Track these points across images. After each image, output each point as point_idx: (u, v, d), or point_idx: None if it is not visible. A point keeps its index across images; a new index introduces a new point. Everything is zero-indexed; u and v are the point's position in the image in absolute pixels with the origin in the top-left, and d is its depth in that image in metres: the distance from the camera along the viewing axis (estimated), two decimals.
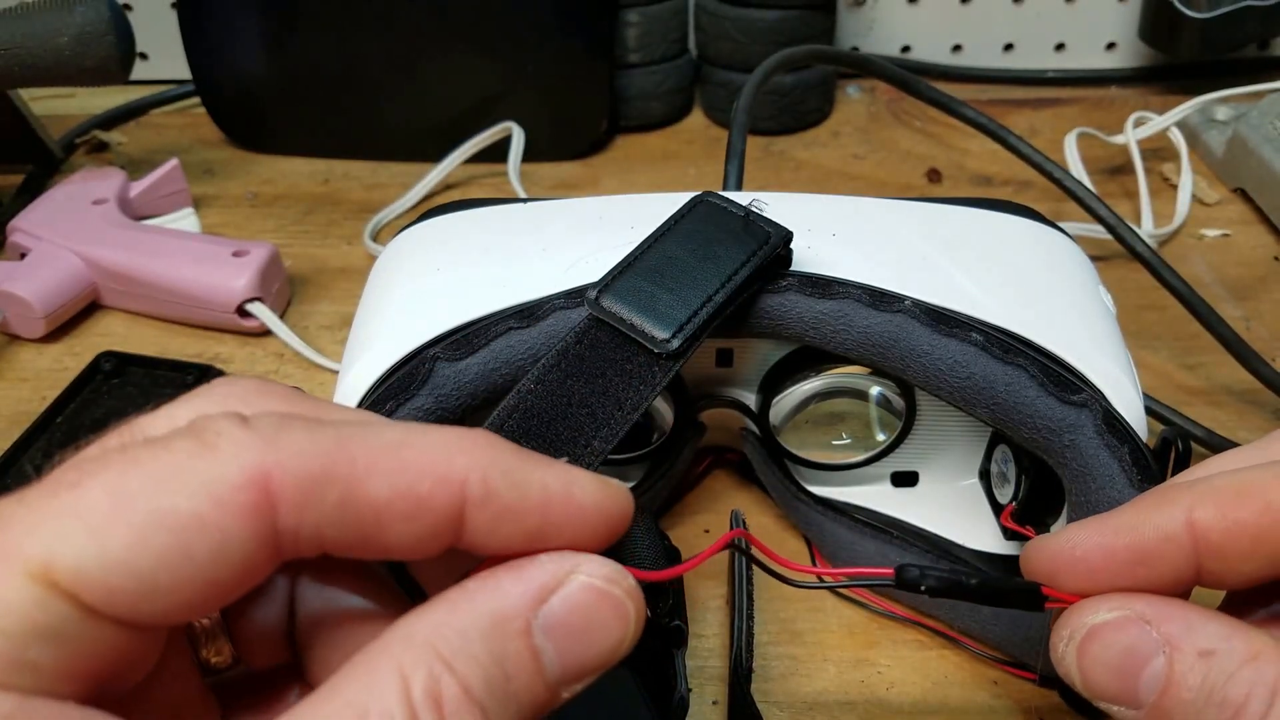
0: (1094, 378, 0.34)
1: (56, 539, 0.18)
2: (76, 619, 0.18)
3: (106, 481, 0.18)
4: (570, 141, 0.71)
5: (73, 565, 0.17)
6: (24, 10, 0.55)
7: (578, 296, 0.35)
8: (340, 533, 0.20)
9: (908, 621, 0.39)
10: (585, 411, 0.30)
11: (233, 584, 0.19)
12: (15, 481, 0.46)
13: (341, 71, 0.69)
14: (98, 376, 0.51)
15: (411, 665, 0.19)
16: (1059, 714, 0.36)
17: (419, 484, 0.20)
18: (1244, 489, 0.23)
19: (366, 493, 0.19)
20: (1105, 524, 0.25)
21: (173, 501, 0.18)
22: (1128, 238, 0.51)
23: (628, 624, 0.21)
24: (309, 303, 0.58)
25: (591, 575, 0.21)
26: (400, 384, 0.34)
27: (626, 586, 0.21)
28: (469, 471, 0.20)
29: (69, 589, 0.17)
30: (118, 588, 0.18)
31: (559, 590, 0.21)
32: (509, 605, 0.20)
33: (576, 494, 0.21)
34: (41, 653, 0.17)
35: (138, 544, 0.18)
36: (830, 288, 0.35)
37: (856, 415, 0.41)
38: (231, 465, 0.18)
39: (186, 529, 0.18)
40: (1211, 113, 0.70)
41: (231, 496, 0.18)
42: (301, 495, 0.19)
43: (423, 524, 0.20)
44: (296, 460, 0.19)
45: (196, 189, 0.66)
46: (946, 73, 0.79)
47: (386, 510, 0.20)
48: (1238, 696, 0.22)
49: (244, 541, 0.19)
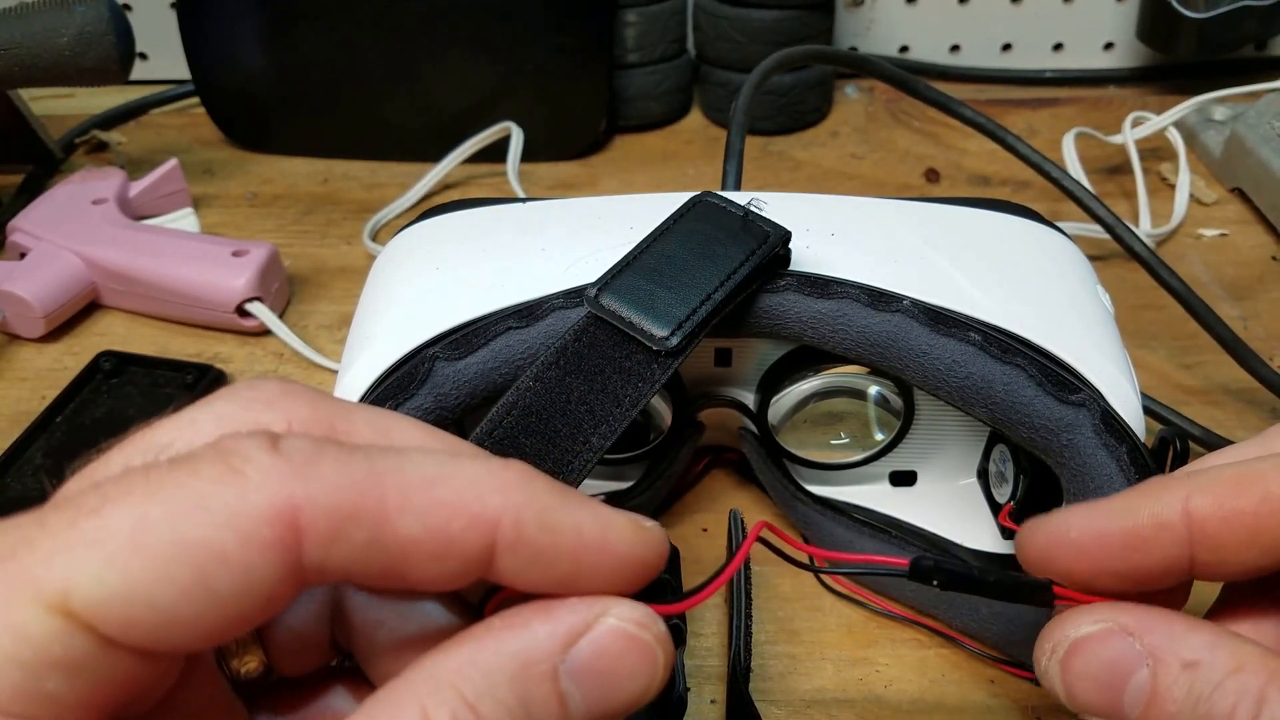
0: (1092, 377, 0.34)
1: (75, 569, 0.17)
2: (94, 650, 0.17)
3: (128, 509, 0.18)
4: (569, 141, 0.71)
5: (91, 596, 0.17)
6: (24, 10, 0.55)
7: (577, 296, 0.35)
8: (366, 568, 0.19)
9: (906, 620, 0.39)
10: (584, 408, 0.30)
11: (254, 615, 0.19)
12: (15, 481, 0.46)
13: (341, 71, 0.69)
14: (97, 376, 0.51)
15: (435, 706, 0.18)
16: (1056, 713, 0.36)
17: (450, 524, 0.19)
18: (1242, 479, 0.23)
19: (396, 530, 0.19)
20: (1101, 508, 0.24)
21: (196, 533, 0.17)
22: (1126, 237, 0.51)
23: (655, 669, 0.21)
24: (308, 302, 0.58)
25: (622, 620, 0.20)
26: (399, 383, 0.34)
27: (656, 632, 0.21)
28: (502, 514, 0.19)
29: (87, 620, 0.17)
30: (137, 619, 0.17)
31: (588, 634, 0.20)
32: (537, 648, 0.20)
33: (612, 540, 0.21)
34: (59, 685, 0.17)
35: (158, 576, 0.17)
36: (829, 287, 0.35)
37: (855, 415, 0.41)
38: (259, 496, 0.18)
39: (209, 562, 0.17)
40: (1209, 113, 0.70)
41: (257, 531, 0.18)
42: (329, 532, 0.18)
43: (451, 564, 0.19)
44: (326, 495, 0.18)
45: (196, 189, 0.66)
46: (945, 73, 0.79)
47: (415, 549, 0.19)
48: (1223, 708, 0.21)
49: (267, 575, 0.18)
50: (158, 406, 0.50)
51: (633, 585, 0.21)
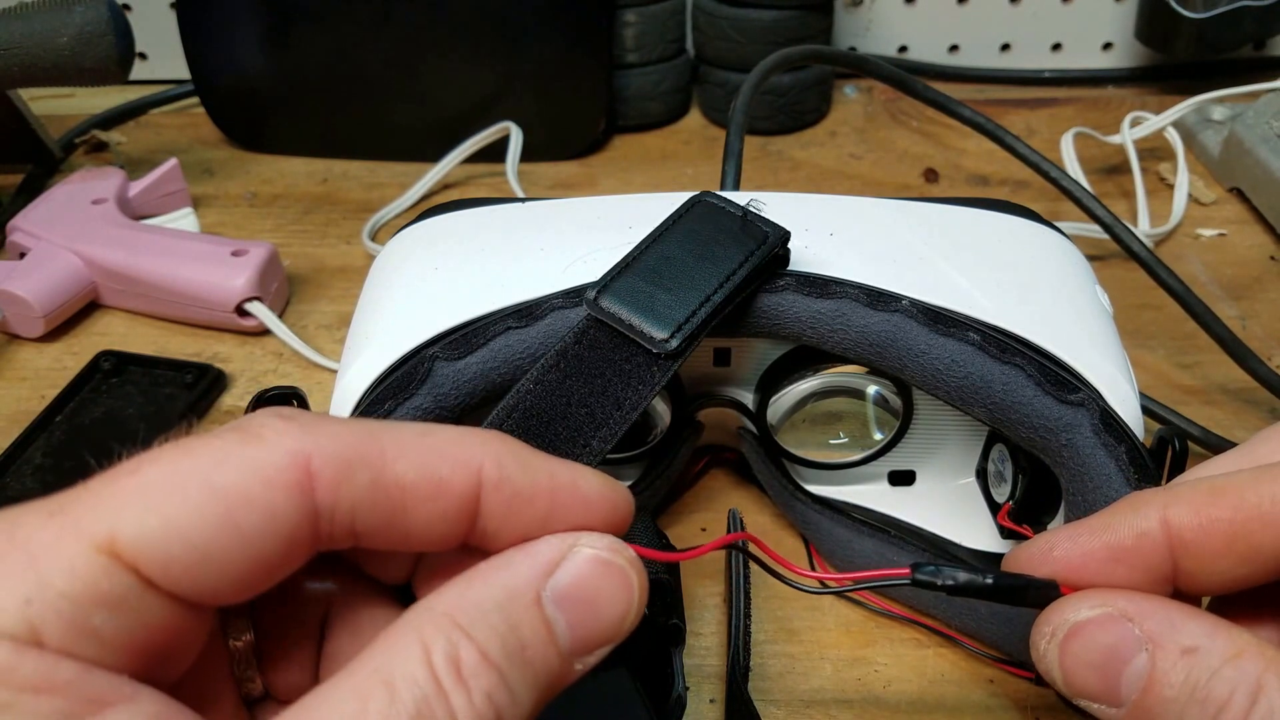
0: (1091, 377, 0.34)
1: (119, 515, 0.19)
2: (137, 590, 0.19)
3: (162, 465, 0.20)
4: (568, 141, 0.71)
5: (135, 537, 0.19)
6: (24, 10, 0.55)
7: (576, 296, 0.35)
8: (370, 513, 0.21)
9: (905, 620, 0.39)
10: (584, 411, 0.30)
11: (276, 560, 0.21)
12: (15, 481, 0.46)
13: (340, 72, 0.69)
14: (97, 375, 0.51)
15: (432, 635, 0.20)
16: (1055, 712, 0.36)
17: (440, 467, 0.22)
18: (1217, 488, 0.24)
19: (394, 474, 0.21)
20: (1082, 526, 0.25)
21: (224, 479, 0.20)
22: (1124, 237, 0.51)
23: (632, 593, 0.23)
24: (308, 302, 0.58)
25: (593, 547, 0.23)
26: (399, 383, 0.34)
27: (628, 557, 0.23)
28: (485, 457, 0.22)
29: (131, 560, 0.19)
30: (176, 558, 0.19)
31: (564, 563, 0.22)
32: (520, 579, 0.22)
33: (582, 484, 0.23)
34: (105, 621, 0.19)
35: (193, 517, 0.19)
36: (828, 287, 0.35)
37: (854, 414, 0.41)
38: (276, 449, 0.20)
39: (236, 504, 0.20)
40: (1208, 112, 0.70)
41: (276, 475, 0.20)
42: (337, 475, 0.21)
43: (443, 504, 0.22)
44: (332, 445, 0.21)
45: (195, 189, 0.66)
46: (943, 73, 0.79)
47: (411, 491, 0.21)
48: (1221, 695, 0.21)
49: (288, 515, 0.20)
50: (158, 406, 0.50)
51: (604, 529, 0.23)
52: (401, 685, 0.19)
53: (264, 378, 0.52)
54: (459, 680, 0.20)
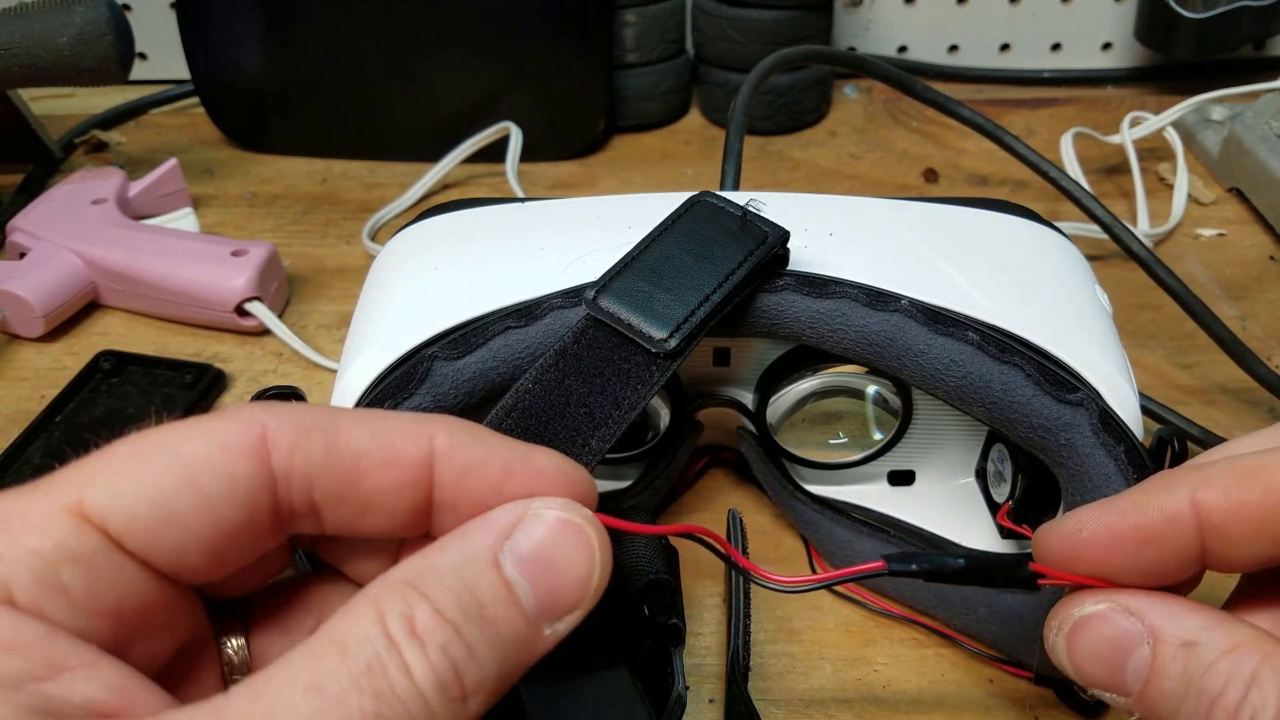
0: (1090, 377, 0.34)
1: (89, 481, 0.20)
2: (105, 550, 0.20)
3: (131, 442, 0.21)
4: (568, 141, 0.71)
5: (101, 500, 0.20)
6: (24, 10, 0.55)
7: (575, 296, 0.35)
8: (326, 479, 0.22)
9: (904, 620, 0.39)
10: (583, 411, 0.30)
11: (239, 525, 0.21)
12: (15, 481, 0.46)
13: (340, 72, 0.69)
14: (97, 375, 0.51)
15: (386, 600, 0.20)
16: (1054, 712, 0.36)
17: (392, 435, 0.23)
18: (1248, 471, 0.24)
19: (348, 440, 0.22)
20: (1111, 506, 0.25)
21: (187, 448, 0.21)
22: (1124, 237, 0.51)
23: (593, 551, 0.23)
24: (307, 302, 0.58)
25: (549, 508, 0.23)
26: (398, 383, 0.34)
27: (585, 516, 0.23)
28: (437, 430, 0.23)
29: (99, 521, 0.20)
30: (140, 518, 0.20)
31: (520, 525, 0.22)
32: (475, 543, 0.22)
33: (536, 457, 0.24)
34: (73, 578, 0.19)
35: (156, 479, 0.20)
36: (827, 287, 0.35)
37: (853, 414, 0.41)
38: (235, 422, 0.22)
39: (197, 466, 0.21)
40: (1207, 112, 0.70)
41: (234, 442, 0.21)
42: (292, 439, 0.22)
43: (397, 472, 0.23)
44: (290, 415, 0.22)
45: (195, 189, 0.66)
46: (943, 73, 0.79)
47: (365, 456, 0.22)
48: (1215, 686, 0.22)
49: (245, 476, 0.21)
50: (157, 406, 0.50)
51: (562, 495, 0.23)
52: (354, 644, 0.19)
53: (264, 378, 0.52)
54: (413, 635, 0.20)
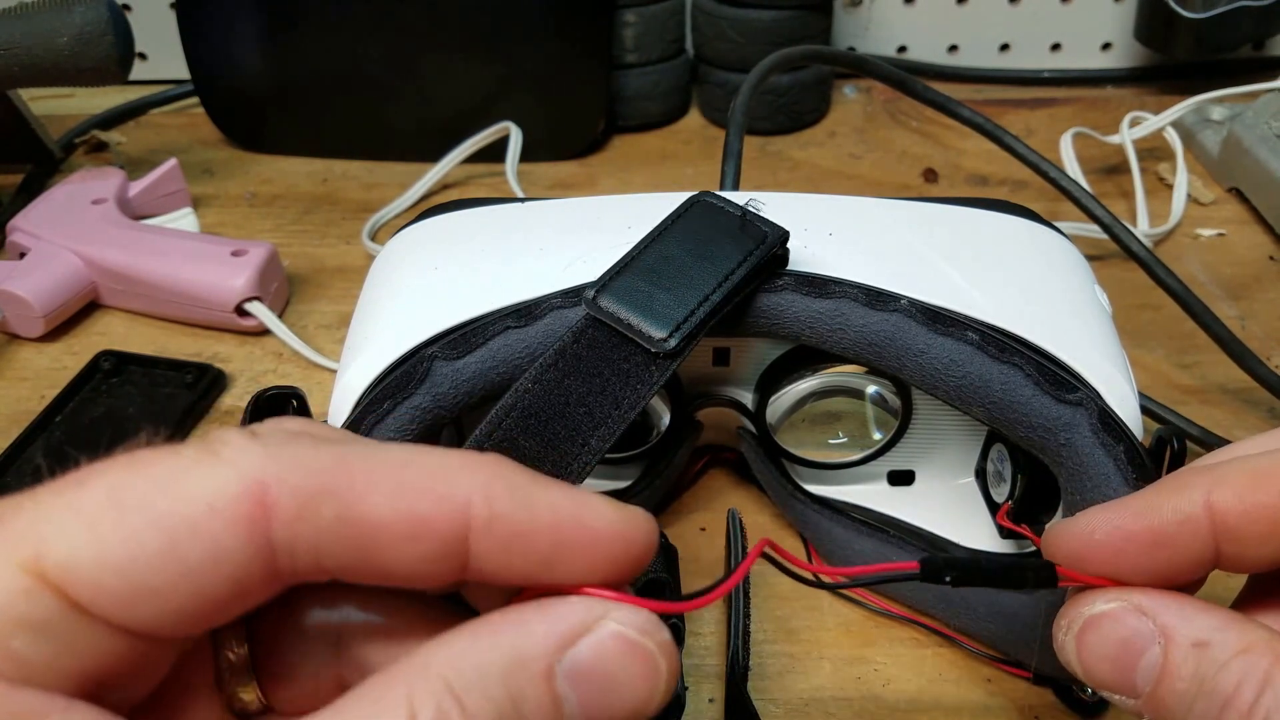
0: (1090, 377, 0.34)
1: (50, 533, 0.18)
2: (64, 615, 0.17)
3: (108, 481, 0.18)
4: (568, 141, 0.71)
5: (62, 560, 0.17)
6: (24, 10, 0.55)
7: (575, 296, 0.35)
8: (339, 551, 0.19)
9: (903, 619, 0.39)
10: (583, 410, 0.30)
11: (227, 596, 0.19)
12: (15, 480, 0.46)
13: (340, 72, 0.69)
14: (97, 375, 0.51)
15: (421, 697, 0.18)
16: (1053, 712, 0.36)
17: (419, 503, 0.19)
18: (1264, 472, 0.23)
19: (365, 510, 0.19)
20: (1123, 508, 0.25)
21: (168, 505, 0.18)
22: (1123, 237, 0.51)
23: (658, 681, 0.20)
24: (307, 302, 0.58)
25: (624, 624, 0.20)
26: (398, 383, 0.34)
27: (660, 641, 0.20)
28: (472, 492, 0.19)
29: (56, 583, 0.17)
30: (107, 587, 0.17)
31: (588, 636, 0.19)
32: (533, 645, 0.19)
33: (589, 518, 0.20)
34: (26, 645, 0.17)
35: (130, 544, 0.18)
36: (827, 287, 0.35)
37: (853, 414, 0.41)
38: (230, 474, 0.18)
39: (179, 533, 0.18)
40: (1207, 112, 0.70)
41: (225, 505, 0.18)
42: (297, 508, 0.19)
43: (425, 546, 0.19)
44: (296, 473, 0.19)
45: (195, 189, 0.66)
46: (942, 73, 0.79)
47: (386, 530, 0.19)
48: (1228, 687, 0.22)
49: (236, 549, 0.18)
50: (157, 406, 0.50)
51: (623, 571, 0.20)
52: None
53: (264, 378, 0.52)
54: None
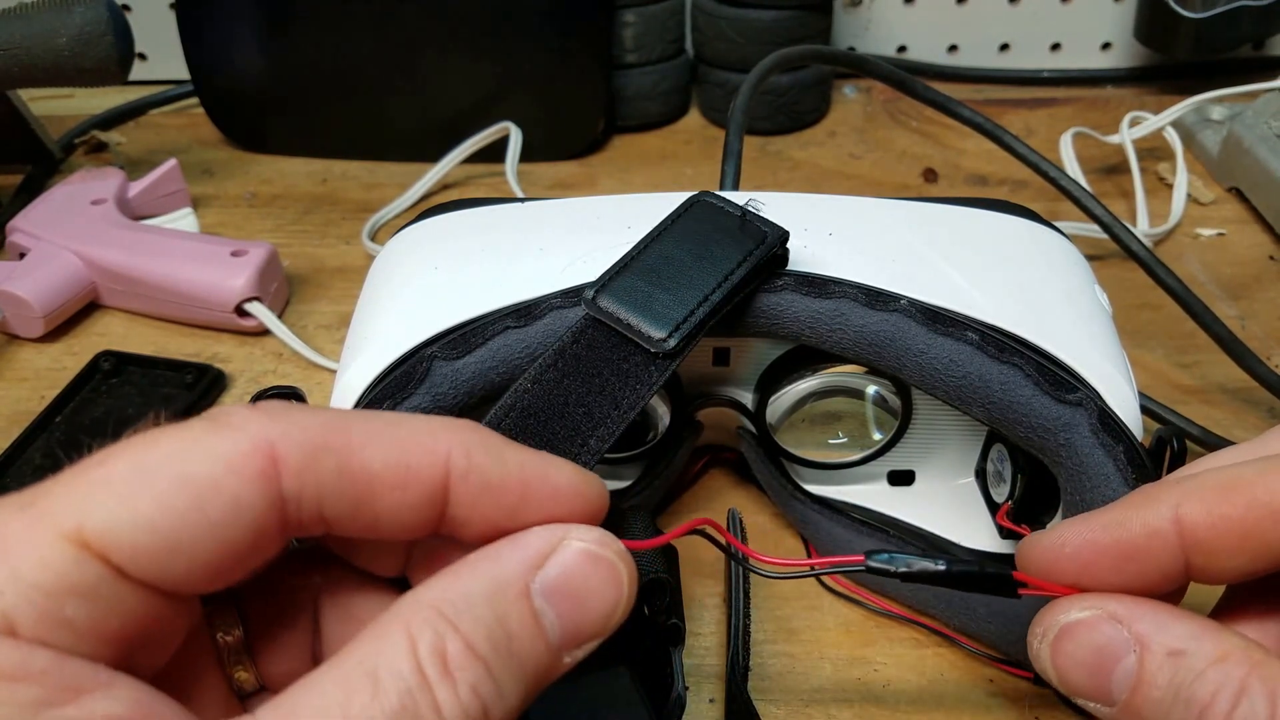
0: (1089, 377, 0.34)
1: (87, 505, 0.19)
2: (108, 579, 0.19)
3: (130, 456, 0.20)
4: (567, 141, 0.71)
5: (103, 528, 0.19)
6: (23, 11, 0.55)
7: (575, 296, 0.35)
8: (338, 500, 0.21)
9: (904, 620, 0.39)
10: (582, 410, 0.30)
11: (245, 547, 0.21)
12: (15, 481, 0.46)
13: (340, 72, 0.69)
14: (96, 376, 0.51)
15: (418, 626, 0.20)
16: (1054, 712, 0.36)
17: (408, 455, 0.22)
18: (1230, 485, 0.24)
19: (361, 460, 0.21)
20: (1093, 521, 0.25)
21: (191, 468, 0.20)
22: (1123, 237, 0.51)
23: (621, 586, 0.23)
24: (307, 302, 0.58)
25: (583, 540, 0.23)
26: (398, 383, 0.34)
27: (617, 550, 0.23)
28: (453, 446, 0.22)
29: (100, 550, 0.19)
30: (143, 547, 0.19)
31: (553, 555, 0.22)
32: (508, 570, 0.22)
33: (553, 475, 0.23)
34: (77, 610, 0.19)
35: (160, 506, 0.19)
36: (827, 287, 0.35)
37: (853, 414, 0.41)
38: (241, 437, 0.21)
39: (203, 491, 0.20)
40: (1207, 112, 0.70)
41: (241, 462, 0.20)
42: (303, 461, 0.21)
43: (411, 493, 0.22)
44: (299, 432, 0.21)
45: (195, 189, 0.66)
46: (942, 73, 0.79)
47: (378, 478, 0.22)
48: (1204, 696, 0.22)
49: (253, 502, 0.20)
50: (157, 406, 0.50)
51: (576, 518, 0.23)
52: (386, 678, 0.19)
53: (264, 378, 0.52)
54: (445, 673, 0.20)
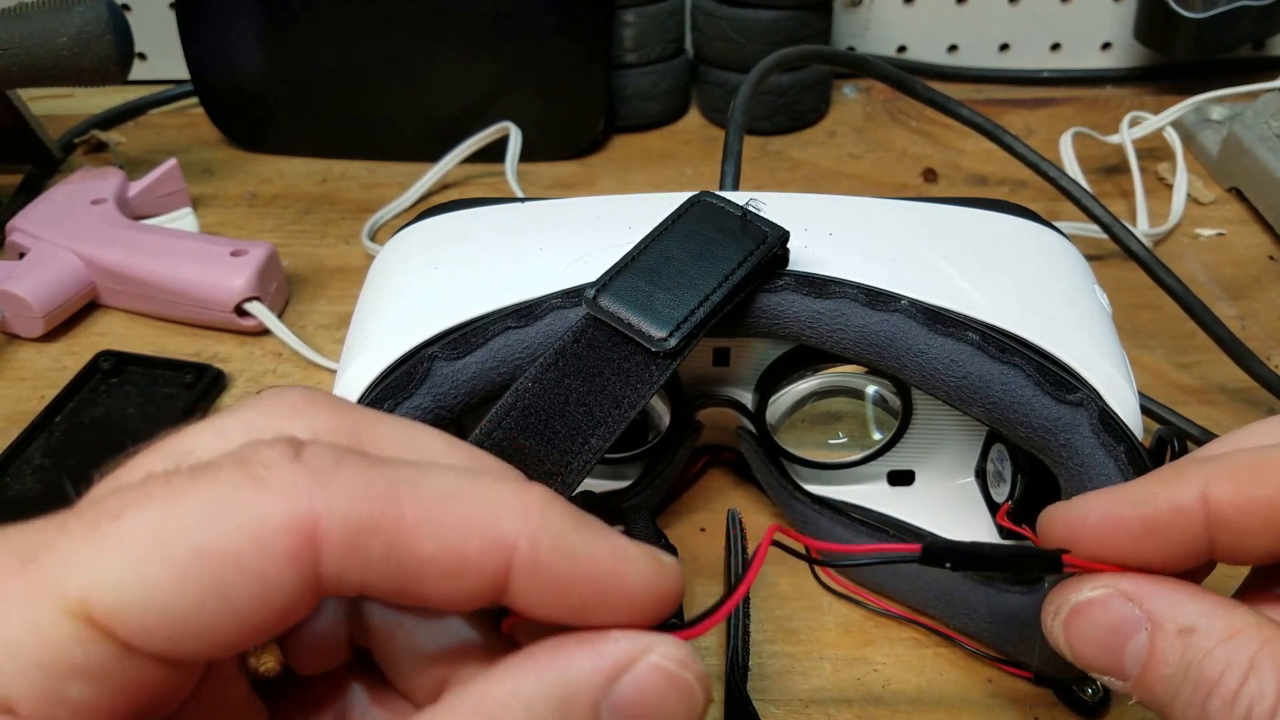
0: (1090, 377, 0.34)
1: (95, 574, 0.17)
2: (115, 656, 0.17)
3: (148, 515, 0.18)
4: (567, 141, 0.71)
5: (111, 602, 0.17)
6: (23, 10, 0.55)
7: (575, 296, 0.35)
8: (383, 582, 0.19)
9: (904, 620, 0.39)
10: (583, 410, 0.30)
11: (273, 624, 0.19)
12: (15, 481, 0.46)
13: (339, 71, 0.69)
14: (96, 375, 0.51)
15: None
16: (1053, 712, 0.36)
17: (467, 543, 0.19)
18: (1260, 466, 0.24)
19: (413, 546, 0.19)
20: (1119, 494, 0.25)
21: (214, 542, 0.18)
22: (1123, 237, 0.51)
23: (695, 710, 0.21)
24: (307, 302, 0.58)
25: (664, 659, 0.20)
26: (398, 383, 0.34)
27: (697, 672, 0.21)
28: (519, 536, 0.19)
29: (106, 626, 0.17)
30: (155, 626, 0.17)
31: (630, 670, 0.20)
32: (580, 681, 0.20)
33: (629, 572, 0.20)
34: (80, 691, 0.17)
35: (176, 583, 0.17)
36: (827, 287, 0.35)
37: (853, 414, 0.41)
38: (278, 505, 0.18)
39: (227, 571, 0.18)
40: (1206, 112, 0.70)
41: (275, 540, 0.18)
42: (347, 544, 0.18)
43: (466, 583, 0.19)
44: (345, 506, 0.18)
45: (195, 189, 0.66)
46: (942, 73, 0.79)
47: (431, 565, 0.19)
48: (1213, 673, 0.22)
49: (285, 586, 0.18)
50: (157, 406, 0.50)
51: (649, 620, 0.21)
52: None
53: (263, 378, 0.52)
54: None
